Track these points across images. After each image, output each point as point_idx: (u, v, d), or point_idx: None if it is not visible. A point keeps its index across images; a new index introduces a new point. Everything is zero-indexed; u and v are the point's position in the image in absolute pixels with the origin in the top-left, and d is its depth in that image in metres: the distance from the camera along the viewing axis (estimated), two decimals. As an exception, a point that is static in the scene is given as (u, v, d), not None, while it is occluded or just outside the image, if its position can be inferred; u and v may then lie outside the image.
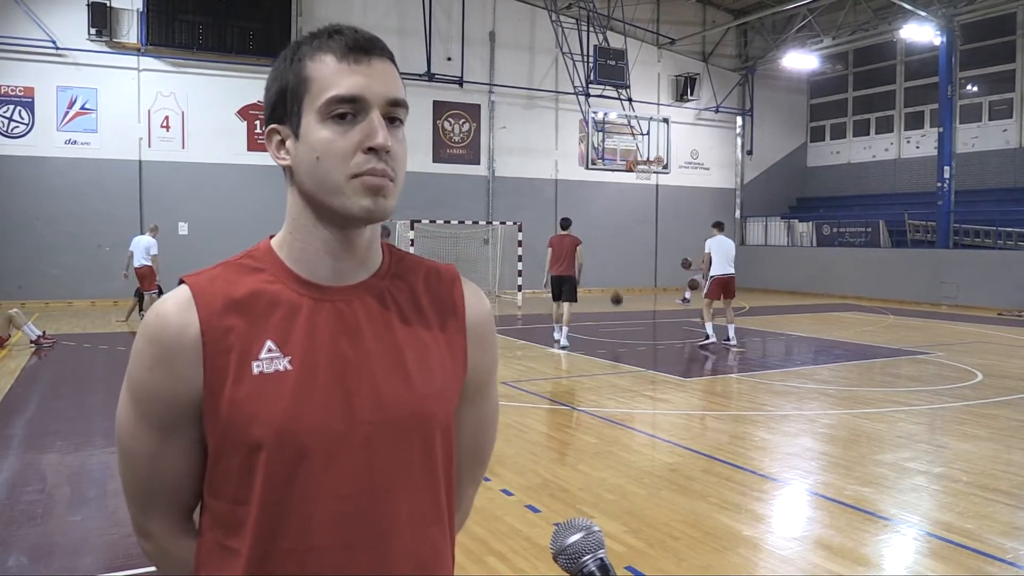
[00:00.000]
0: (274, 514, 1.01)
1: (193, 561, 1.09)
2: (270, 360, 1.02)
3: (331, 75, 1.03)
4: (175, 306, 1.03)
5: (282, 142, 1.09)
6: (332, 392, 1.03)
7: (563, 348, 11.26)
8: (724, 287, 11.59)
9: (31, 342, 10.90)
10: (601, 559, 1.09)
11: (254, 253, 1.10)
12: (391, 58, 1.07)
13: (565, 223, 12.02)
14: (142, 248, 13.27)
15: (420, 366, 1.08)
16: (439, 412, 1.09)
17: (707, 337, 11.63)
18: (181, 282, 1.06)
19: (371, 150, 1.02)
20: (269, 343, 1.03)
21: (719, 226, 12.02)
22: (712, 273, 11.65)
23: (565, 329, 11.40)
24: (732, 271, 11.67)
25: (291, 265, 1.08)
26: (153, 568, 4.00)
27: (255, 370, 1.01)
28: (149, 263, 13.21)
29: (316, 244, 1.07)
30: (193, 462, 1.06)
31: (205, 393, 1.01)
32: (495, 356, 1.22)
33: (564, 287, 11.46)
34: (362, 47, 1.04)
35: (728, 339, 11.58)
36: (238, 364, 1.01)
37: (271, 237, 1.13)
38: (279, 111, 1.08)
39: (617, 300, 14.20)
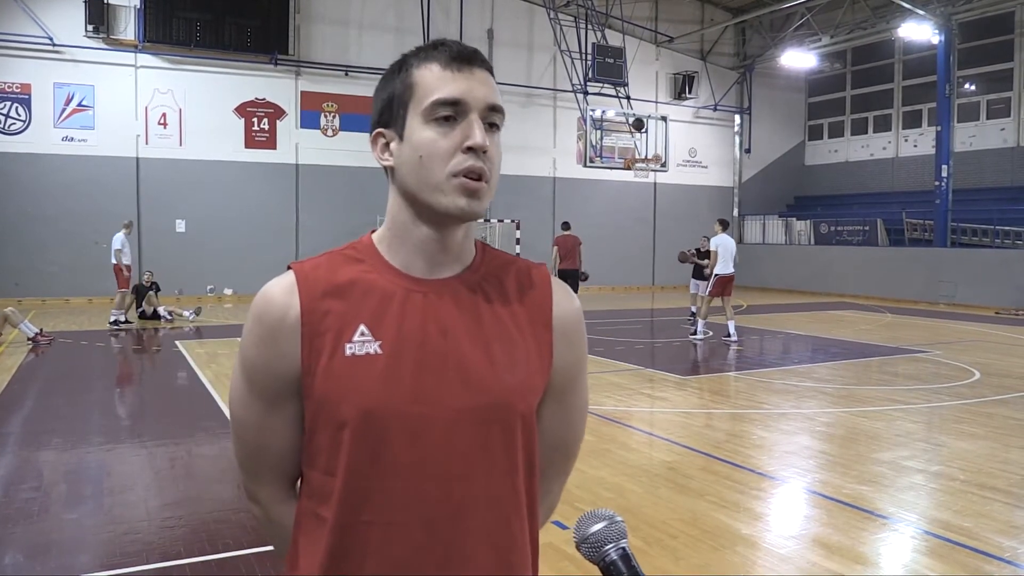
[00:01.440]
0: (358, 488, 1.08)
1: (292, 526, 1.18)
2: (362, 343, 1.09)
3: (436, 81, 1.11)
4: (280, 290, 1.12)
5: (387, 145, 1.16)
6: (418, 377, 1.09)
7: None
8: (725, 286, 11.92)
9: (28, 339, 10.88)
10: (623, 548, 1.10)
11: (357, 245, 1.19)
12: (490, 69, 1.15)
13: (566, 225, 14.05)
14: (113, 244, 12.97)
15: (506, 358, 1.14)
16: (521, 403, 1.14)
17: (695, 332, 12.24)
18: (288, 268, 1.15)
19: (470, 149, 1.09)
20: (362, 327, 1.10)
21: (724, 224, 12.27)
22: (717, 271, 11.89)
23: None
24: (733, 270, 11.99)
25: (389, 259, 1.16)
26: (145, 567, 3.98)
27: (347, 352, 1.09)
28: (114, 260, 12.86)
29: (413, 241, 1.15)
30: (295, 434, 1.15)
31: (303, 371, 1.10)
32: (583, 354, 1.26)
33: (570, 280, 12.86)
34: (465, 57, 1.12)
35: (729, 335, 11.75)
36: (332, 345, 1.09)
37: (372, 232, 1.21)
38: (386, 116, 1.16)
39: (639, 125, 14.80)
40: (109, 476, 5.24)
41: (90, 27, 16.66)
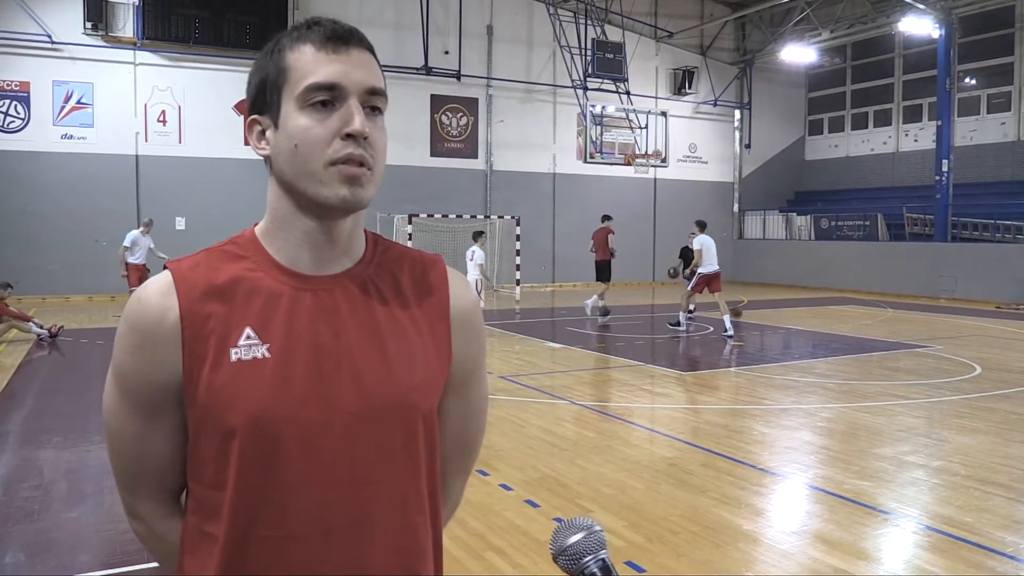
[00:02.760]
0: (249, 501, 1.01)
1: (179, 542, 1.11)
2: (248, 347, 1.02)
3: (309, 64, 1.03)
4: (156, 292, 1.04)
5: (262, 132, 1.09)
6: (310, 380, 1.03)
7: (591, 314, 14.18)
8: (709, 282, 12.29)
9: (49, 337, 10.92)
10: (603, 559, 1.06)
11: (238, 240, 1.11)
12: (370, 49, 1.08)
13: (604, 218, 14.62)
14: (124, 241, 12.79)
15: (402, 355, 1.08)
16: (421, 402, 1.09)
17: (678, 324, 12.65)
18: (165, 268, 1.07)
19: (349, 136, 1.02)
20: (248, 330, 1.03)
21: (702, 225, 12.77)
22: (701, 270, 12.27)
23: (590, 301, 14.28)
24: (717, 267, 12.38)
25: (273, 254, 1.08)
26: (145, 566, 3.97)
27: (233, 357, 1.02)
28: (121, 257, 12.63)
29: (297, 234, 1.08)
30: (177, 445, 1.07)
31: (184, 378, 1.03)
32: (482, 346, 1.21)
33: (600, 269, 14.30)
34: (340, 37, 1.05)
35: (726, 330, 11.88)
36: (216, 350, 1.02)
37: (255, 225, 1.13)
38: (259, 102, 1.08)
39: (674, 274, 14.62)
40: (109, 474, 5.22)
41: (88, 24, 16.61)
